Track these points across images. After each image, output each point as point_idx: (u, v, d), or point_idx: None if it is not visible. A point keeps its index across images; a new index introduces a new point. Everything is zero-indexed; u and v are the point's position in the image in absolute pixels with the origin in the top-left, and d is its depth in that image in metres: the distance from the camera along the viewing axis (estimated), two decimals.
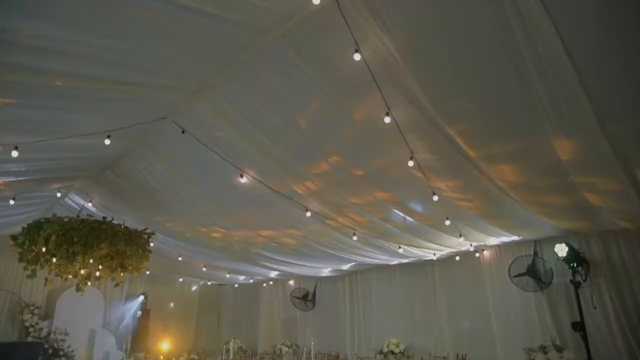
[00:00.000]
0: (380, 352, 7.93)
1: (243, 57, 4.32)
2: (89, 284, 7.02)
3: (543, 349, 3.76)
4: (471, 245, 7.58)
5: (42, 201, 8.80)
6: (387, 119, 4.38)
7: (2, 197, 7.50)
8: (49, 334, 10.68)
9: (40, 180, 7.14)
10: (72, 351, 10.71)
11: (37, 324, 10.74)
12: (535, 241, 7.67)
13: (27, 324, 10.69)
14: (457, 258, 8.46)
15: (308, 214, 6.48)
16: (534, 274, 7.52)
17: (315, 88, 4.47)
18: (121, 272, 7.05)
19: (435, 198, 5.60)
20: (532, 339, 6.77)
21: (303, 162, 5.66)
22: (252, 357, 10.36)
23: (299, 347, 10.54)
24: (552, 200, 5.44)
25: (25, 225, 6.69)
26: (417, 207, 6.18)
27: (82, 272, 6.83)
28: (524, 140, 4.51)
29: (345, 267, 10.32)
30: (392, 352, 7.81)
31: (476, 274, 8.40)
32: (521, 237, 7.53)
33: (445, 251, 8.19)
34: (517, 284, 7.60)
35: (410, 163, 4.95)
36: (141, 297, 12.73)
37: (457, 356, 7.43)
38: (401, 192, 5.89)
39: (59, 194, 8.17)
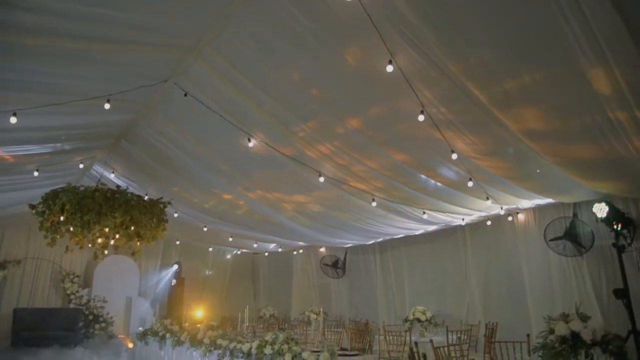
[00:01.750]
0: (406, 320, 7.63)
1: (232, 7, 4.00)
2: (106, 252, 7.09)
3: (565, 317, 3.32)
4: (502, 208, 7.03)
5: (68, 173, 8.92)
6: (390, 68, 3.94)
7: (28, 170, 7.65)
8: (88, 301, 11.13)
9: (59, 151, 7.19)
10: (111, 317, 11.15)
11: (77, 291, 11.22)
12: (574, 204, 7.03)
13: (68, 291, 11.19)
14: (489, 223, 7.92)
15: (321, 179, 6.16)
16: (573, 237, 6.91)
17: (311, 36, 4.08)
18: (138, 241, 7.06)
19: (454, 156, 5.11)
20: (570, 307, 6.23)
21: (305, 119, 5.31)
22: (281, 323, 10.33)
23: (327, 314, 10.42)
24: (585, 153, 4.81)
25: (43, 195, 6.78)
26: (436, 167, 5.70)
27: (100, 240, 6.88)
28: (554, 87, 3.91)
29: (371, 242, 10.06)
30: (418, 320, 7.49)
31: (509, 239, 7.86)
32: (557, 200, 6.90)
33: (475, 215, 7.66)
34: (554, 248, 7.02)
35: (421, 117, 4.49)
36: (175, 266, 13.00)
37: (487, 325, 7.02)
38: (414, 150, 5.45)
39: (81, 166, 8.25)
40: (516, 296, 7.51)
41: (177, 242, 12.93)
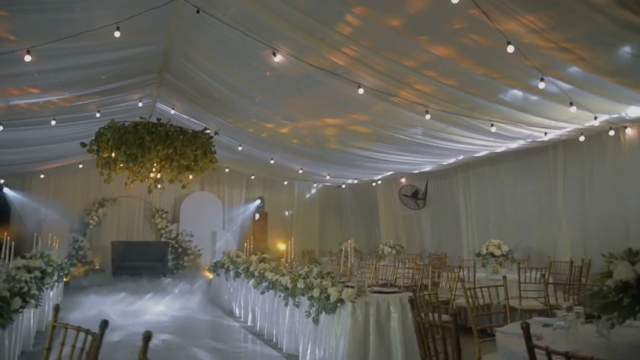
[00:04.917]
0: (478, 255, 6.70)
1: None
2: (160, 186, 7.15)
3: (632, 256, 2.30)
4: (595, 118, 5.52)
5: (136, 113, 9.05)
6: None
7: (92, 112, 7.89)
8: (177, 235, 11.81)
9: (109, 91, 7.20)
10: (199, 250, 11.77)
11: (166, 226, 11.94)
12: None
13: (158, 226, 11.96)
14: (582, 138, 6.38)
15: (360, 90, 5.30)
16: None
17: None
18: (188, 173, 7.00)
19: (511, 49, 3.92)
20: None
21: (327, 23, 4.45)
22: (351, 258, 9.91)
23: (403, 247, 9.78)
24: None
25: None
26: (495, 64, 4.49)
27: (152, 175, 6.93)
28: None
29: (452, 160, 8.91)
30: (492, 254, 6.51)
31: (611, 158, 6.34)
32: None
33: (565, 130, 6.19)
34: None
35: None
36: (258, 201, 13.20)
37: (572, 264, 5.77)
38: (464, 43, 4.31)
39: (140, 104, 8.28)
40: (616, 230, 6.09)
41: (252, 177, 13.00)
